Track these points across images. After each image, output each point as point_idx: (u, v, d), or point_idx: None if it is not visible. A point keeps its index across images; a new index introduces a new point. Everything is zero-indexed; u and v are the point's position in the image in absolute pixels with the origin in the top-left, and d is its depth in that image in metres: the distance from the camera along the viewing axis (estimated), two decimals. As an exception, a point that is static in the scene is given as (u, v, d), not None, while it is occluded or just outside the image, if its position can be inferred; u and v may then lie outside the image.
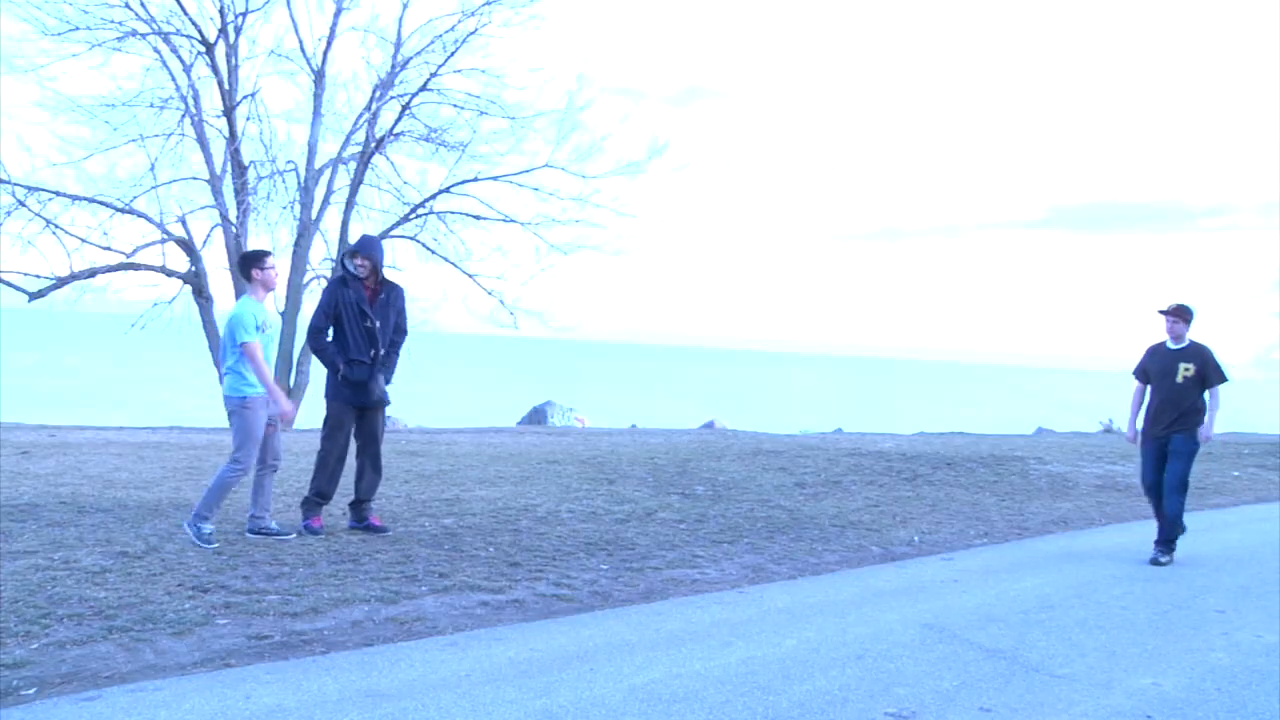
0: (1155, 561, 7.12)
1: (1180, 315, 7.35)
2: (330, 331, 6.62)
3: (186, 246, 16.20)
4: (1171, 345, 7.39)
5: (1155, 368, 7.45)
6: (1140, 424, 7.62)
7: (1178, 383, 7.28)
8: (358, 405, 6.61)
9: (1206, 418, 7.33)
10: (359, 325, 6.53)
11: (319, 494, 6.67)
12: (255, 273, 6.24)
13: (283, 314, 16.12)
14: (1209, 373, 7.26)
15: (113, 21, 14.87)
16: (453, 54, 16.64)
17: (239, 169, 16.17)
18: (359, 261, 6.62)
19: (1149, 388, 7.52)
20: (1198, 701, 4.11)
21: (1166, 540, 7.29)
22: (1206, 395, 7.37)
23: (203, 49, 15.69)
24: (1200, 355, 7.28)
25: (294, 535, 6.37)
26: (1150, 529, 8.92)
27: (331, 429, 6.63)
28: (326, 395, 6.64)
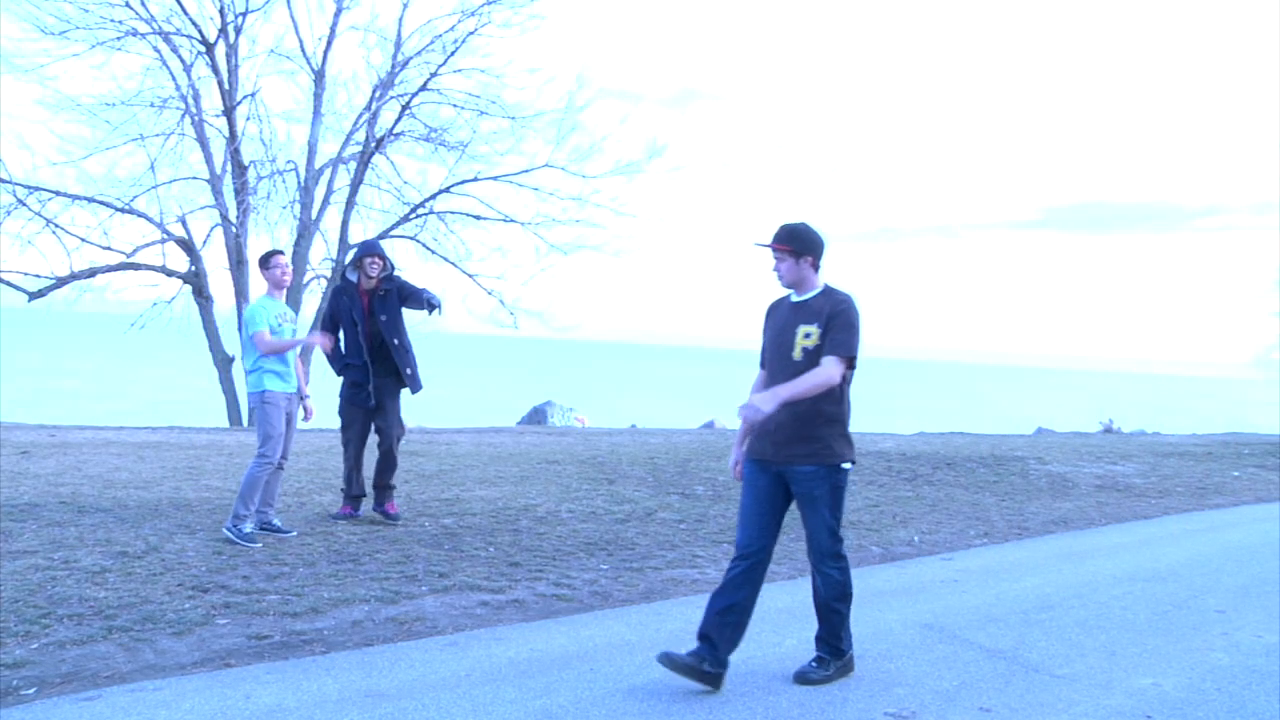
0: (805, 679, 4.10)
1: (787, 245, 4.07)
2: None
3: (186, 246, 16.21)
4: (795, 298, 4.17)
5: (769, 336, 4.27)
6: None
7: (796, 360, 4.04)
8: (358, 405, 7.05)
9: (794, 381, 3.93)
10: (352, 331, 6.95)
11: (345, 486, 7.22)
12: (263, 273, 6.59)
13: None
14: (830, 335, 3.99)
15: (113, 21, 14.88)
16: (452, 54, 16.68)
17: (239, 169, 16.17)
18: (373, 260, 6.95)
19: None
20: (1198, 701, 4.11)
21: (831, 638, 4.18)
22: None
23: (203, 49, 15.70)
24: (829, 309, 4.03)
25: (294, 533, 6.54)
26: (1152, 529, 8.91)
27: (342, 428, 7.18)
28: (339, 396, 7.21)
